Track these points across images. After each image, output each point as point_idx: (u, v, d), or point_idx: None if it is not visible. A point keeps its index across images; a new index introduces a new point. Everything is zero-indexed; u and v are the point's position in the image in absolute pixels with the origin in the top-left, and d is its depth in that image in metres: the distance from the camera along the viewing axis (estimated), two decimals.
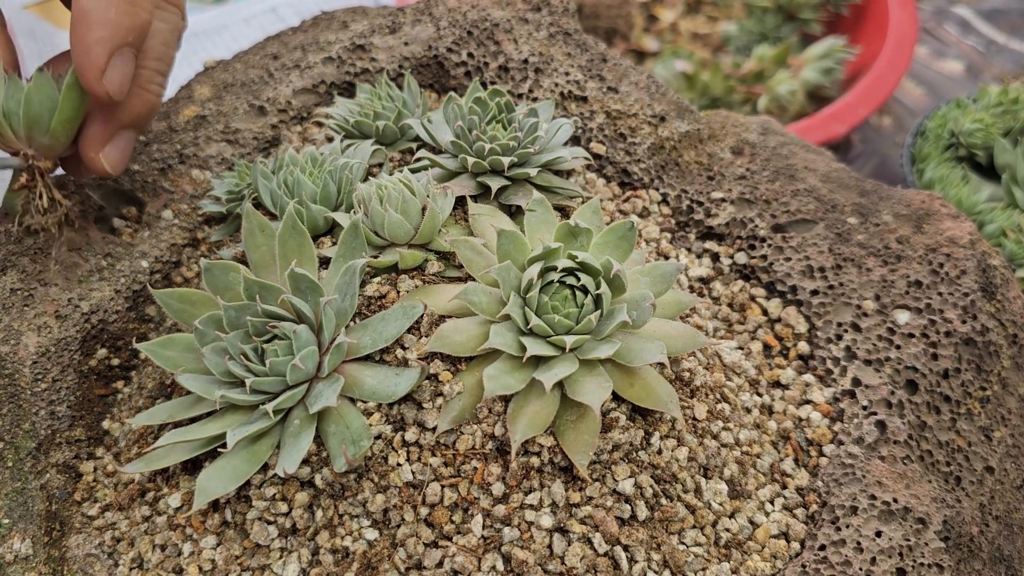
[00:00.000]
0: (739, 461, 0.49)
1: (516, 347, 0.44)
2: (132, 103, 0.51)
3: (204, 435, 0.44)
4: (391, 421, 0.44)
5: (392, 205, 0.47)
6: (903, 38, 0.96)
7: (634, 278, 0.47)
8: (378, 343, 0.45)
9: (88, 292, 0.54)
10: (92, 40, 0.46)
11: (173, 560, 0.46)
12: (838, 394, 0.53)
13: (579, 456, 0.43)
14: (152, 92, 0.51)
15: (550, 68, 0.62)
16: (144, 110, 0.52)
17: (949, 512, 0.48)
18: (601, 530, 0.44)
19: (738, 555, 0.46)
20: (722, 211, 0.59)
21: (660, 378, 0.46)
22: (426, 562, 0.43)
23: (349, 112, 0.57)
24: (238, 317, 0.45)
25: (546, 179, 0.53)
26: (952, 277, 0.55)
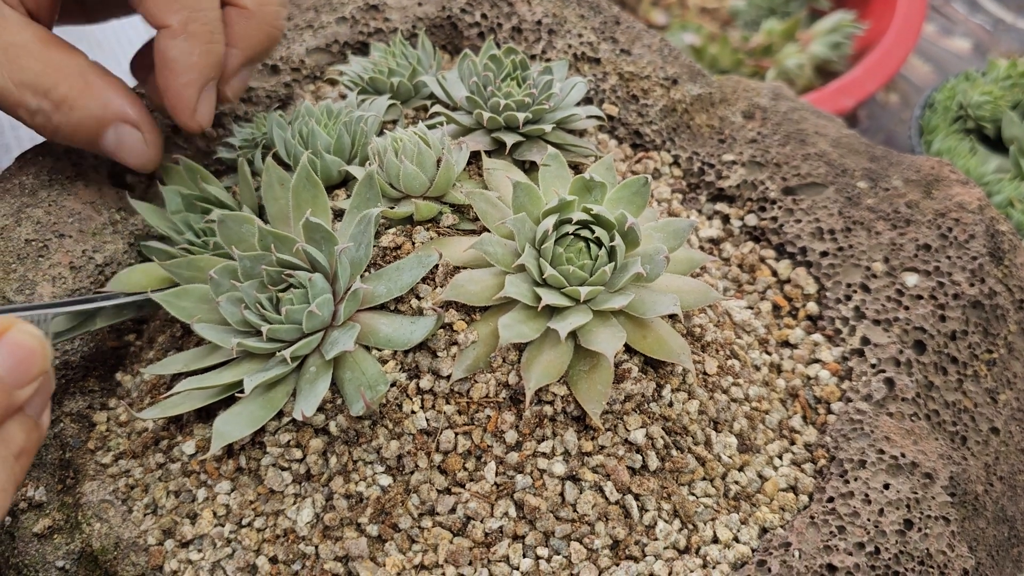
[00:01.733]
0: (748, 416, 0.50)
1: (531, 297, 0.44)
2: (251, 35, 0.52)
3: (220, 382, 0.45)
4: (406, 369, 0.45)
5: (407, 157, 0.47)
6: (911, 14, 0.96)
7: (647, 233, 0.47)
8: (393, 292, 0.45)
9: (102, 244, 0.54)
10: (181, 85, 0.49)
11: (187, 506, 0.47)
12: (847, 353, 0.53)
13: (592, 405, 0.44)
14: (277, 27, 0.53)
15: (563, 29, 0.62)
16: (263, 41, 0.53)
17: (955, 469, 0.49)
18: (613, 479, 0.44)
19: (747, 507, 0.47)
20: (733, 173, 0.59)
21: (672, 331, 0.46)
22: (439, 508, 0.43)
23: (363, 69, 0.57)
24: (253, 267, 0.46)
25: (560, 136, 0.53)
26: (961, 241, 0.55)
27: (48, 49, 0.48)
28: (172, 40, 0.48)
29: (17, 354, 0.36)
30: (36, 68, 0.48)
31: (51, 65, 0.48)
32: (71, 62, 0.49)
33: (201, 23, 0.48)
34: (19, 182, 0.55)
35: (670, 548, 0.44)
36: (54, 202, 0.55)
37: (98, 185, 0.57)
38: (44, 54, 0.48)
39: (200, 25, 0.48)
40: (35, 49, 0.48)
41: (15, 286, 0.51)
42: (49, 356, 0.37)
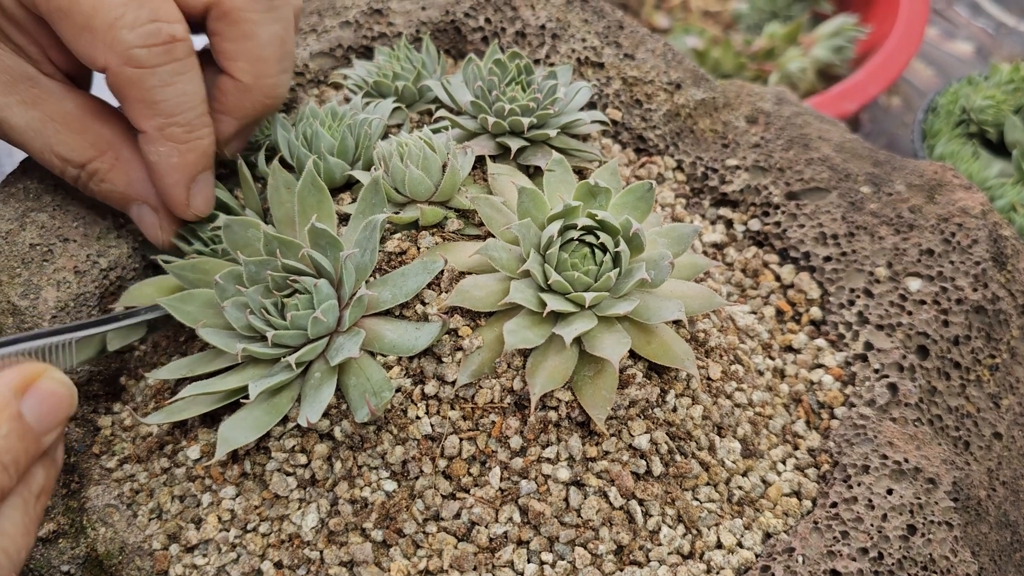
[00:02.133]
0: (752, 421, 0.50)
1: (536, 303, 0.44)
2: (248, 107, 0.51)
3: (225, 387, 0.45)
4: (411, 374, 0.45)
5: (413, 161, 0.47)
6: (914, 18, 0.96)
7: (652, 239, 0.48)
8: (398, 298, 0.45)
9: (106, 249, 0.55)
10: (167, 185, 0.49)
11: (192, 510, 0.47)
12: (850, 358, 0.53)
13: (596, 411, 0.44)
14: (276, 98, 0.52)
15: (567, 34, 0.62)
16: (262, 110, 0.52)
17: (958, 474, 0.49)
18: (617, 484, 0.44)
19: (751, 512, 0.47)
20: (736, 178, 0.60)
21: (677, 337, 0.46)
22: (444, 513, 0.43)
23: (368, 73, 0.57)
24: (258, 272, 0.46)
25: (564, 141, 0.53)
26: (964, 246, 0.56)
27: (85, 121, 0.50)
28: (150, 145, 0.48)
29: (48, 402, 0.36)
30: (74, 143, 0.50)
31: (88, 139, 0.50)
32: (106, 135, 0.50)
33: (178, 125, 0.47)
34: (23, 186, 0.55)
35: (674, 553, 0.44)
36: (58, 206, 0.55)
37: None
38: (82, 126, 0.50)
39: (177, 128, 0.47)
40: (73, 120, 0.49)
41: (20, 291, 0.52)
42: (75, 401, 0.38)
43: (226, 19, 0.47)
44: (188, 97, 0.46)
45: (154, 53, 0.44)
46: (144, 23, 0.43)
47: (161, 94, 0.45)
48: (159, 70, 0.45)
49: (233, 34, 0.48)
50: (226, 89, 0.49)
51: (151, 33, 0.44)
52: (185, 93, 0.46)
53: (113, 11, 0.43)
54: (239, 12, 0.47)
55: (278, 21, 0.48)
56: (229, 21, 0.47)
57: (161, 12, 0.44)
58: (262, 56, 0.48)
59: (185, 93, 0.46)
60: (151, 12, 0.44)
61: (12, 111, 0.49)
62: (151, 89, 0.45)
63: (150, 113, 0.46)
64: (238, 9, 0.47)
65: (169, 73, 0.45)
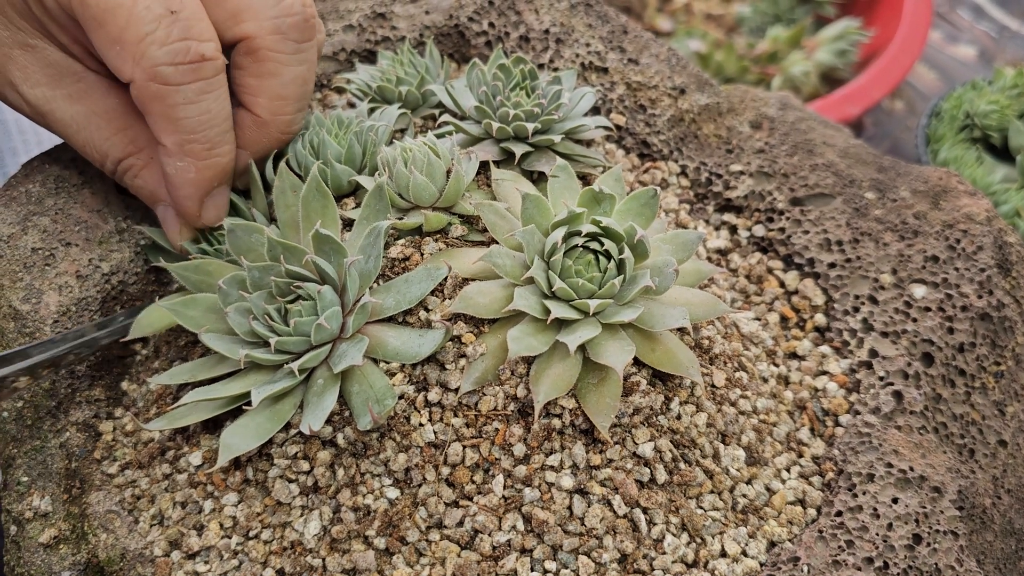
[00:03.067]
0: (756, 429, 0.49)
1: (540, 310, 0.44)
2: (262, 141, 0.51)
3: (227, 394, 0.44)
4: (414, 382, 0.45)
5: (417, 167, 0.47)
6: (917, 21, 0.96)
7: (656, 245, 0.47)
8: (401, 304, 0.45)
9: (108, 253, 0.54)
10: (181, 197, 0.49)
11: (194, 517, 0.46)
12: (854, 365, 0.53)
13: (600, 419, 0.44)
14: (290, 134, 0.52)
15: (571, 39, 0.62)
16: (275, 144, 0.52)
17: (963, 483, 0.49)
18: (621, 492, 0.44)
19: (755, 520, 0.47)
20: (741, 184, 0.59)
21: (681, 344, 0.46)
22: (447, 521, 0.43)
23: (371, 77, 0.57)
24: (262, 278, 0.46)
25: (568, 147, 0.53)
26: (969, 253, 0.55)
27: (127, 119, 0.50)
28: (168, 158, 0.47)
29: None
30: (115, 138, 0.50)
31: (128, 136, 0.50)
32: (144, 134, 0.50)
33: (199, 143, 0.47)
34: (25, 190, 0.55)
35: (678, 562, 0.44)
36: (60, 210, 0.55)
37: (104, 193, 0.57)
38: (123, 123, 0.50)
39: (198, 145, 0.47)
40: (116, 118, 0.50)
41: (21, 295, 0.51)
42: None
43: (253, 56, 0.47)
44: (211, 116, 0.46)
45: (181, 71, 0.44)
46: (174, 40, 0.43)
47: (184, 111, 0.45)
48: (184, 88, 0.44)
49: (258, 71, 0.47)
50: (243, 123, 0.49)
51: (180, 51, 0.43)
52: (209, 111, 0.46)
53: (145, 26, 0.43)
54: (267, 51, 0.47)
55: (304, 62, 0.48)
56: (256, 58, 0.47)
57: (194, 30, 0.43)
58: (283, 95, 0.48)
59: (209, 111, 0.46)
60: (183, 30, 0.43)
61: (58, 104, 0.49)
62: (175, 106, 0.45)
63: (171, 129, 0.46)
64: (266, 48, 0.47)
65: (195, 91, 0.45)
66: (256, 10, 0.46)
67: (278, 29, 0.46)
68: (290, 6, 0.47)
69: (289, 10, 0.46)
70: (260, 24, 0.46)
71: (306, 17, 0.47)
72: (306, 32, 0.47)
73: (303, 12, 0.47)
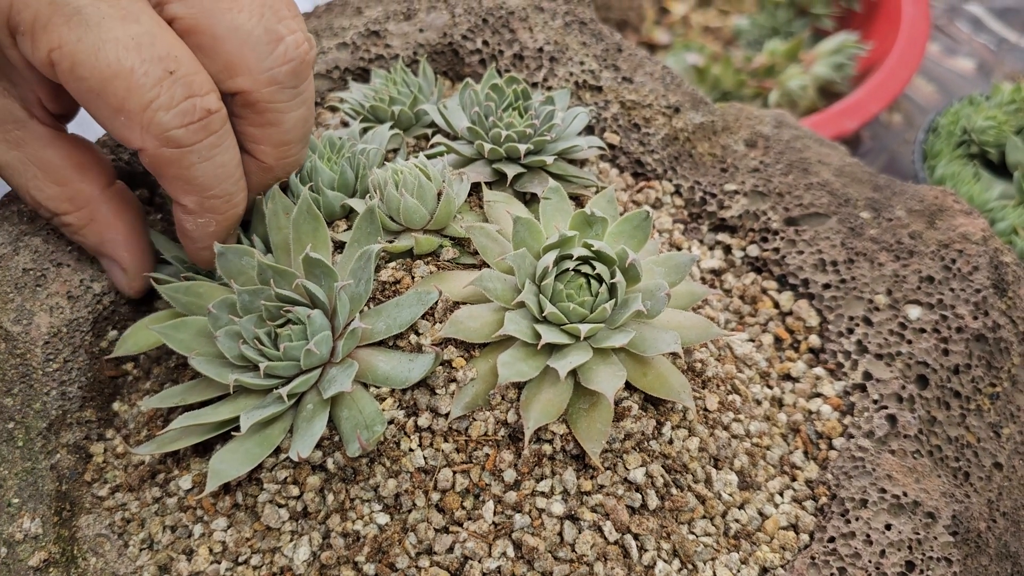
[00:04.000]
0: (749, 452, 0.49)
1: (531, 334, 0.44)
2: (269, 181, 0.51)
3: (216, 419, 0.44)
4: (404, 406, 0.44)
5: (408, 190, 0.46)
6: (915, 35, 0.96)
7: (648, 268, 0.47)
8: (392, 329, 0.45)
9: (99, 273, 0.54)
10: (197, 249, 0.49)
11: (184, 541, 0.46)
12: (848, 388, 0.53)
13: (592, 444, 0.43)
14: (293, 170, 0.51)
15: (565, 57, 0.62)
16: (282, 179, 0.51)
17: (958, 507, 0.48)
18: (612, 518, 0.44)
19: (747, 545, 0.46)
20: (735, 203, 0.59)
21: (673, 368, 0.46)
22: (437, 547, 0.43)
23: (364, 97, 0.57)
24: (252, 301, 0.46)
25: (561, 167, 0.53)
26: (964, 273, 0.55)
27: (66, 173, 0.49)
28: (188, 216, 0.47)
29: None
30: (51, 192, 0.49)
31: (65, 193, 0.49)
32: (84, 192, 0.50)
33: (217, 198, 0.46)
34: (17, 209, 0.55)
35: None
36: (52, 230, 0.54)
37: None
38: (61, 178, 0.49)
39: (217, 200, 0.46)
40: (54, 171, 0.49)
41: (12, 316, 0.51)
42: None
43: (252, 108, 0.46)
44: (225, 168, 0.45)
45: (191, 131, 0.43)
46: (179, 102, 0.42)
47: (200, 170, 0.44)
48: (197, 147, 0.43)
49: (259, 121, 0.46)
50: (248, 169, 0.48)
51: (187, 111, 0.42)
52: (223, 165, 0.45)
53: (147, 93, 0.41)
54: (266, 104, 0.46)
55: (303, 103, 0.47)
56: (255, 110, 0.46)
57: (195, 86, 0.42)
58: (286, 140, 0.48)
59: (223, 165, 0.45)
60: (185, 88, 0.42)
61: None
62: (191, 167, 0.44)
63: (189, 189, 0.45)
64: (264, 101, 0.45)
65: (207, 148, 0.44)
66: (249, 63, 0.44)
67: (274, 80, 0.45)
68: (283, 54, 0.45)
69: (283, 58, 0.45)
70: (255, 78, 0.45)
71: (301, 60, 0.46)
72: (302, 75, 0.46)
73: (297, 56, 0.45)
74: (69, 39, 0.40)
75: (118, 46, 0.40)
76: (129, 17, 0.41)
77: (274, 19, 0.44)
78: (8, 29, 0.42)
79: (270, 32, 0.44)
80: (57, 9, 0.40)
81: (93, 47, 0.40)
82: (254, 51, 0.44)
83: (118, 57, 0.40)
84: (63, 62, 0.40)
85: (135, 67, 0.40)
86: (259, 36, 0.44)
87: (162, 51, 0.41)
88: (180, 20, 0.43)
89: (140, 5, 0.42)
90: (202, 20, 0.43)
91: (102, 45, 0.40)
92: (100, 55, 0.40)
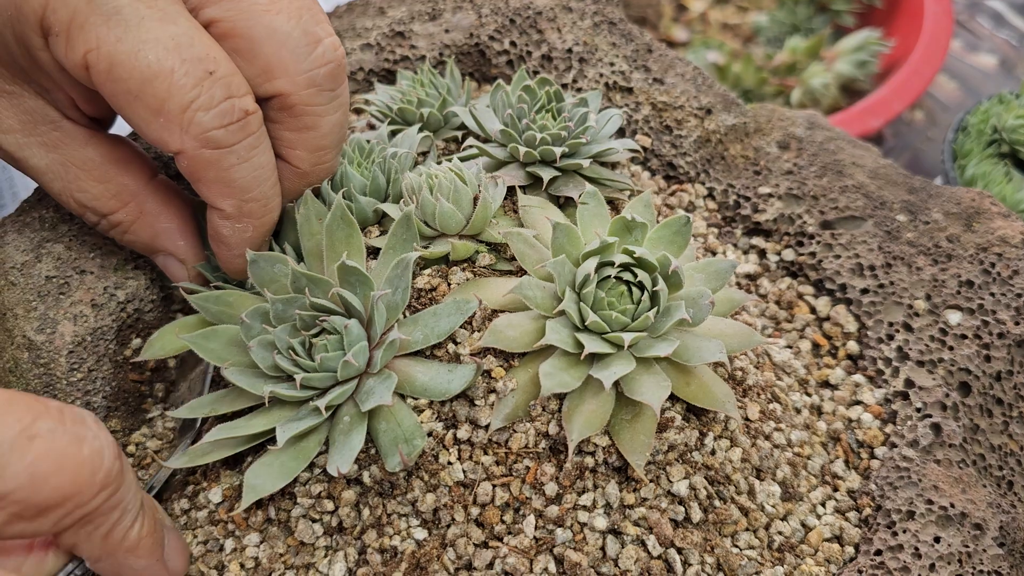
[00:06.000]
0: (791, 463, 0.48)
1: (572, 344, 0.43)
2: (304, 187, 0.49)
3: (250, 431, 0.43)
4: (442, 418, 0.43)
5: (443, 194, 0.45)
6: (938, 31, 0.95)
7: (689, 275, 0.46)
8: (430, 339, 0.43)
9: (123, 281, 0.53)
10: (232, 256, 0.47)
11: (215, 556, 0.45)
12: (889, 395, 0.52)
13: (635, 456, 0.42)
14: (328, 175, 0.50)
15: (594, 58, 0.60)
16: (316, 184, 0.50)
17: (1004, 518, 0.47)
18: (655, 532, 0.43)
19: (792, 559, 0.45)
20: (769, 207, 0.58)
21: (716, 377, 0.45)
22: (476, 563, 0.42)
23: (391, 99, 0.56)
24: (285, 310, 0.44)
25: (596, 171, 0.52)
26: (1004, 277, 0.54)
27: (108, 170, 0.48)
28: (226, 221, 0.46)
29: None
30: (95, 191, 0.48)
31: (109, 190, 0.48)
32: (129, 186, 0.49)
33: (255, 201, 0.45)
34: (39, 215, 0.54)
35: None
36: (75, 237, 0.53)
37: None
38: (104, 175, 0.48)
39: (254, 203, 0.45)
40: (95, 169, 0.48)
41: (36, 325, 0.50)
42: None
43: (289, 111, 0.45)
44: (263, 171, 0.44)
45: (231, 132, 0.42)
46: (219, 102, 0.41)
47: (238, 172, 0.43)
48: (236, 148, 0.42)
49: (295, 125, 0.45)
50: (283, 175, 0.47)
51: (226, 112, 0.41)
52: (261, 167, 0.44)
53: (187, 94, 0.40)
54: (303, 107, 0.44)
55: (339, 108, 0.46)
56: (292, 113, 0.45)
57: (233, 87, 0.41)
58: (322, 145, 0.46)
59: (261, 167, 0.44)
60: (224, 89, 0.41)
61: (32, 151, 0.47)
62: (229, 169, 0.43)
63: (228, 192, 0.44)
64: (302, 104, 0.44)
65: (245, 149, 0.43)
66: (287, 65, 0.43)
67: (312, 82, 0.44)
68: (322, 56, 0.44)
69: (322, 60, 0.44)
70: (294, 80, 0.44)
71: (338, 62, 0.45)
72: (339, 77, 0.45)
73: (335, 58, 0.44)
74: (108, 39, 0.39)
75: (158, 47, 0.39)
76: (167, 18, 0.40)
77: (312, 21, 0.43)
78: (41, 30, 0.41)
79: (308, 34, 0.43)
80: (96, 8, 0.39)
81: (133, 48, 0.39)
82: (292, 53, 0.43)
83: (158, 58, 0.39)
84: (100, 63, 0.39)
85: (175, 68, 0.40)
86: (297, 38, 0.43)
87: (201, 52, 0.40)
88: (217, 23, 0.42)
89: (177, 7, 0.41)
90: (240, 23, 0.42)
91: (142, 46, 0.39)
92: (140, 55, 0.39)
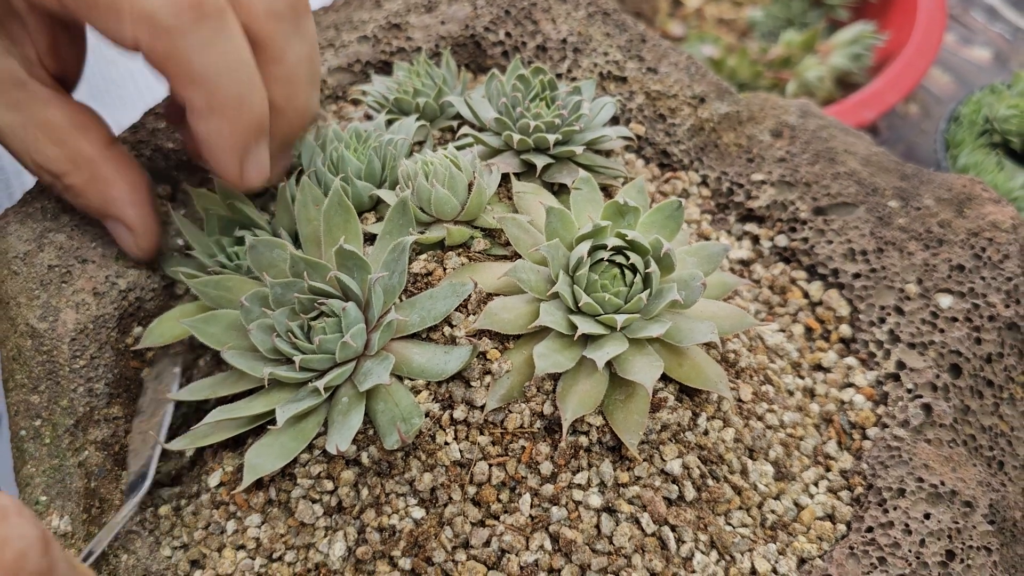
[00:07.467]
0: (783, 443, 0.49)
1: (566, 325, 0.43)
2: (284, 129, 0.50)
3: (251, 412, 0.44)
4: (439, 399, 0.44)
5: (439, 181, 0.46)
6: (932, 24, 0.95)
7: (681, 258, 0.47)
8: (427, 321, 0.44)
9: (125, 270, 0.54)
10: (217, 161, 0.47)
11: (216, 538, 0.46)
12: (881, 377, 0.53)
13: (629, 436, 0.43)
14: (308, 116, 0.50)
15: (589, 48, 0.61)
16: (297, 130, 0.51)
17: (994, 496, 0.48)
18: (649, 510, 0.43)
19: (784, 536, 0.46)
20: (762, 193, 0.59)
21: (708, 358, 0.45)
22: (473, 541, 0.43)
23: (388, 89, 0.56)
24: (284, 294, 0.45)
25: (589, 158, 0.52)
26: (995, 262, 0.55)
27: (67, 132, 0.49)
28: (199, 120, 0.45)
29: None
30: (53, 153, 0.49)
31: (67, 152, 0.49)
32: (86, 151, 0.50)
33: (225, 95, 0.44)
34: (41, 206, 0.55)
35: None
36: (76, 226, 0.54)
37: None
38: (61, 138, 0.49)
39: (225, 96, 0.44)
40: (54, 131, 0.49)
41: (38, 313, 0.51)
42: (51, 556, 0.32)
43: (255, 45, 0.45)
44: (230, 58, 0.43)
45: (183, 17, 0.41)
46: None
47: (200, 59, 0.42)
48: (192, 35, 0.42)
49: (262, 59, 0.46)
50: None
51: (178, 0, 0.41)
52: (226, 53, 0.43)
53: None
54: (267, 38, 0.45)
55: (304, 41, 0.47)
56: (257, 48, 0.45)
57: None
58: (292, 78, 0.47)
59: (226, 53, 0.43)
60: None
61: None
62: (188, 58, 0.42)
63: (192, 84, 0.43)
64: (266, 35, 0.45)
65: (208, 35, 0.42)
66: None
67: (272, 12, 0.45)
68: None
69: None
70: (253, 12, 0.44)
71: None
72: (300, 7, 0.46)
73: None
74: None
75: None
76: None
77: None
78: None
79: None
80: None
81: None
82: None
83: None
84: None
85: None
86: None
87: None
88: None
89: None
90: None
91: None
92: None
